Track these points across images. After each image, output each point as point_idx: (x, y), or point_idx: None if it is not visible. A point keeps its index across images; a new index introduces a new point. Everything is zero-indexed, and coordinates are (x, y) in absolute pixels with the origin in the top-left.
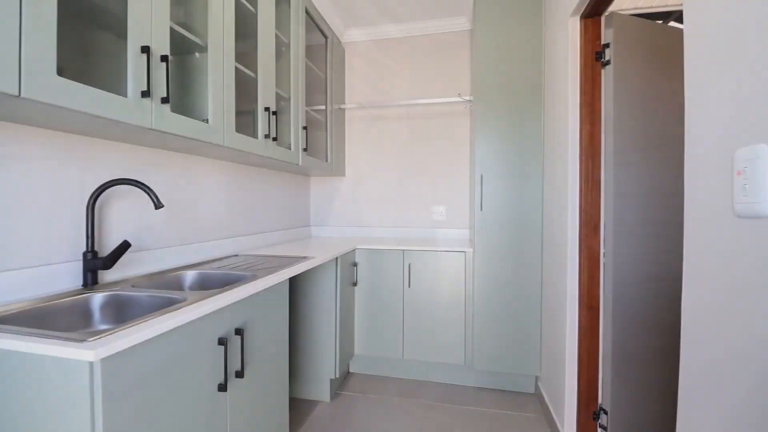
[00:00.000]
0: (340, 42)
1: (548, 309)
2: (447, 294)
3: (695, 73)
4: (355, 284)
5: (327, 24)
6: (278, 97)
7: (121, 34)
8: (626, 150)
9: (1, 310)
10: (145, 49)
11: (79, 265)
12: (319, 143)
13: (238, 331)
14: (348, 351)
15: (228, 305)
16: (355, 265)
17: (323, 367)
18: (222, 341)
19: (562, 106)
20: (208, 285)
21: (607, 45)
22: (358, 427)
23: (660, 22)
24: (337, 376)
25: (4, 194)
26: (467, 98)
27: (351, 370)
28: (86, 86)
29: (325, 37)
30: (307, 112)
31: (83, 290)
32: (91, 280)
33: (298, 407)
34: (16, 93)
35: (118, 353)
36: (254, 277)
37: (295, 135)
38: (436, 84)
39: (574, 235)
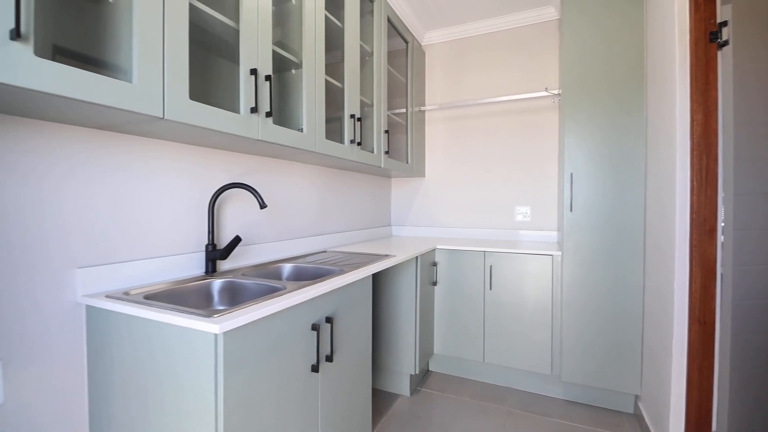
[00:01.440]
0: (420, 45)
1: (651, 321)
2: (532, 299)
3: None
4: (434, 284)
5: (407, 29)
6: (362, 104)
7: (234, 59)
8: (749, 142)
9: (148, 290)
10: (253, 71)
11: (199, 256)
12: (399, 145)
13: (328, 319)
14: (427, 349)
15: (320, 295)
16: (434, 264)
17: (403, 362)
18: (315, 327)
19: (669, 95)
20: (303, 277)
21: (724, 23)
22: (438, 424)
23: None
24: (417, 372)
25: (148, 199)
26: (555, 92)
27: (430, 369)
28: (210, 107)
29: (406, 42)
30: (388, 116)
31: (206, 276)
32: (211, 269)
33: (380, 398)
34: (161, 116)
35: (236, 329)
36: (342, 272)
37: (378, 139)
38: (519, 79)
39: (684, 239)
